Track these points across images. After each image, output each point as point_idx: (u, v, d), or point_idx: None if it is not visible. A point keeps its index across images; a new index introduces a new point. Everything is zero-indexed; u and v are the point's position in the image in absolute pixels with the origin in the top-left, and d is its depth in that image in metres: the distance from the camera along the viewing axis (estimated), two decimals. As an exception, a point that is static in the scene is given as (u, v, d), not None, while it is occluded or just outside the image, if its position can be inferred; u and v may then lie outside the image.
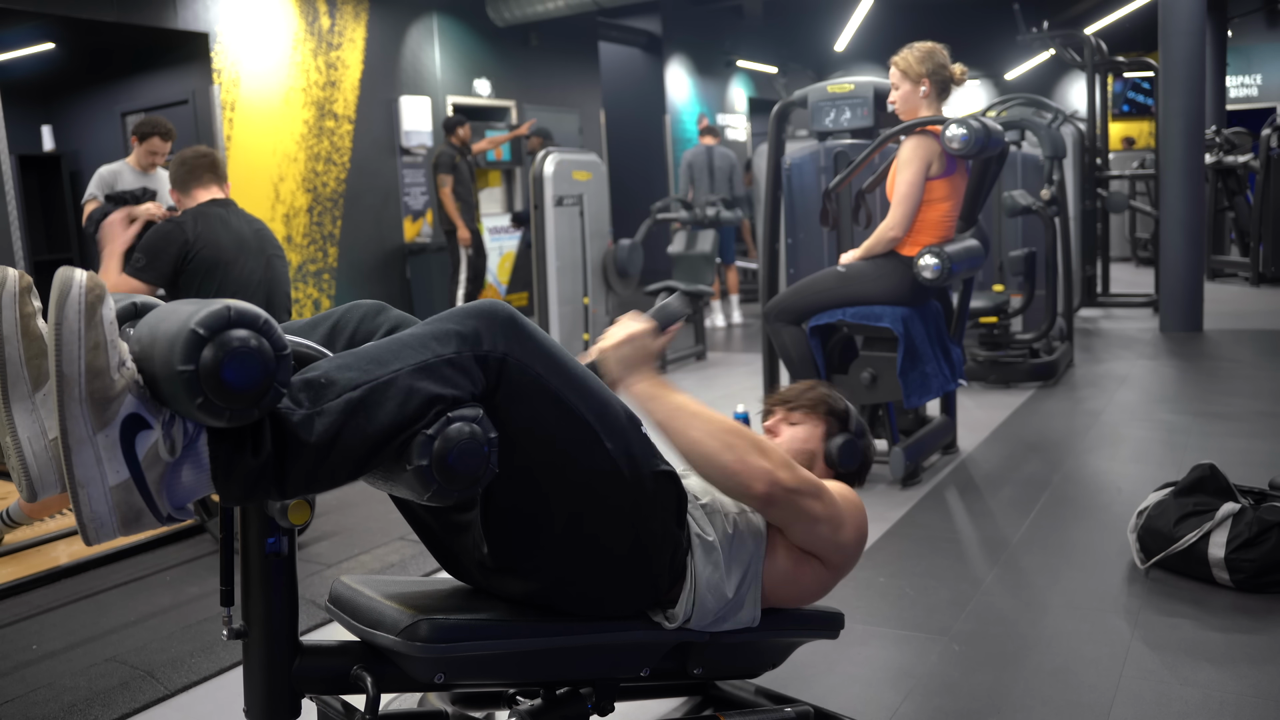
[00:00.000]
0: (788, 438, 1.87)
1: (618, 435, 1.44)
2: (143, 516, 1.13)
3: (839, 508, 1.65)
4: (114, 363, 1.11)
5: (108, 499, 1.10)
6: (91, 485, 1.10)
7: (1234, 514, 2.61)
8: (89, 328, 1.09)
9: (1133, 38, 11.56)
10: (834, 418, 1.90)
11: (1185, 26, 6.55)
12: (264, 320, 1.13)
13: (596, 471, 1.41)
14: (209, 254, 3.16)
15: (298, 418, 1.19)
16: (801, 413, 1.91)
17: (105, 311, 1.11)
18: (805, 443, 1.87)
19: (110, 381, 1.10)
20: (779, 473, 1.53)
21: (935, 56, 3.52)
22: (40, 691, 2.32)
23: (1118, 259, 10.99)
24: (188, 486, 1.16)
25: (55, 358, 1.07)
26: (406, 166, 8.13)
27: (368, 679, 1.39)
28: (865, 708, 2.09)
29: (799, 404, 1.92)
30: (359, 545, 3.30)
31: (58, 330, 1.08)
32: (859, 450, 1.88)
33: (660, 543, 1.51)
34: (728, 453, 1.53)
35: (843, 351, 3.79)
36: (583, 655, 1.54)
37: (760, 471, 1.52)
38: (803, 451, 1.86)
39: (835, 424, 1.90)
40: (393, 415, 1.23)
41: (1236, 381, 5.21)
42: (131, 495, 1.12)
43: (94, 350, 1.09)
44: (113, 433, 1.11)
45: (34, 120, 8.25)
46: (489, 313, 1.34)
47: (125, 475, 1.11)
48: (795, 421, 1.90)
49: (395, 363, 1.26)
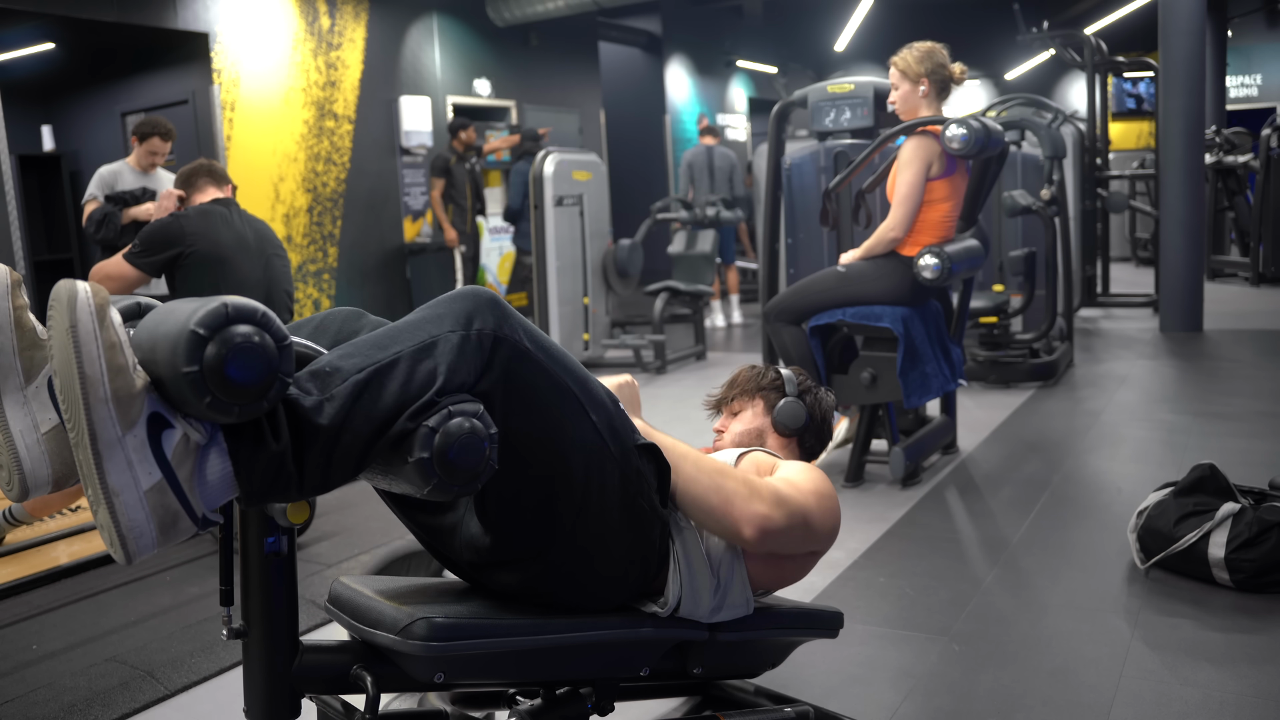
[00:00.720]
0: (732, 433, 1.91)
1: (600, 408, 1.46)
2: (179, 520, 1.11)
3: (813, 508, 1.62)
4: (131, 362, 1.11)
5: (144, 504, 1.08)
6: (126, 492, 1.07)
7: (1234, 514, 2.61)
8: (103, 328, 1.09)
9: (1133, 38, 11.56)
10: (769, 390, 1.93)
11: (1185, 26, 6.55)
12: (262, 313, 1.13)
13: (585, 444, 1.43)
14: (208, 249, 3.19)
15: (309, 403, 1.20)
16: (739, 401, 1.94)
17: (114, 315, 1.11)
18: (750, 423, 1.91)
19: (131, 379, 1.10)
20: (772, 514, 1.53)
21: (934, 56, 3.52)
22: (40, 691, 2.32)
23: (1118, 259, 10.99)
24: (216, 485, 1.15)
25: (77, 359, 1.07)
26: (406, 166, 8.13)
27: (367, 679, 1.39)
28: (865, 708, 2.09)
29: (731, 395, 1.96)
30: (359, 545, 3.30)
31: (74, 332, 1.07)
32: (802, 408, 1.90)
33: (648, 519, 1.51)
34: (715, 495, 1.53)
35: (843, 351, 3.79)
36: (582, 654, 1.54)
37: (750, 516, 1.52)
38: (749, 432, 1.89)
39: (773, 395, 1.93)
40: (397, 394, 1.25)
41: (1236, 381, 5.21)
42: (166, 497, 1.10)
43: (111, 349, 1.09)
44: (140, 432, 1.10)
45: (34, 120, 8.25)
46: (473, 295, 1.37)
47: (158, 476, 1.10)
48: (736, 412, 1.94)
49: (395, 346, 1.28)
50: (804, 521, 1.59)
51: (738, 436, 1.90)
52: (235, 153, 6.78)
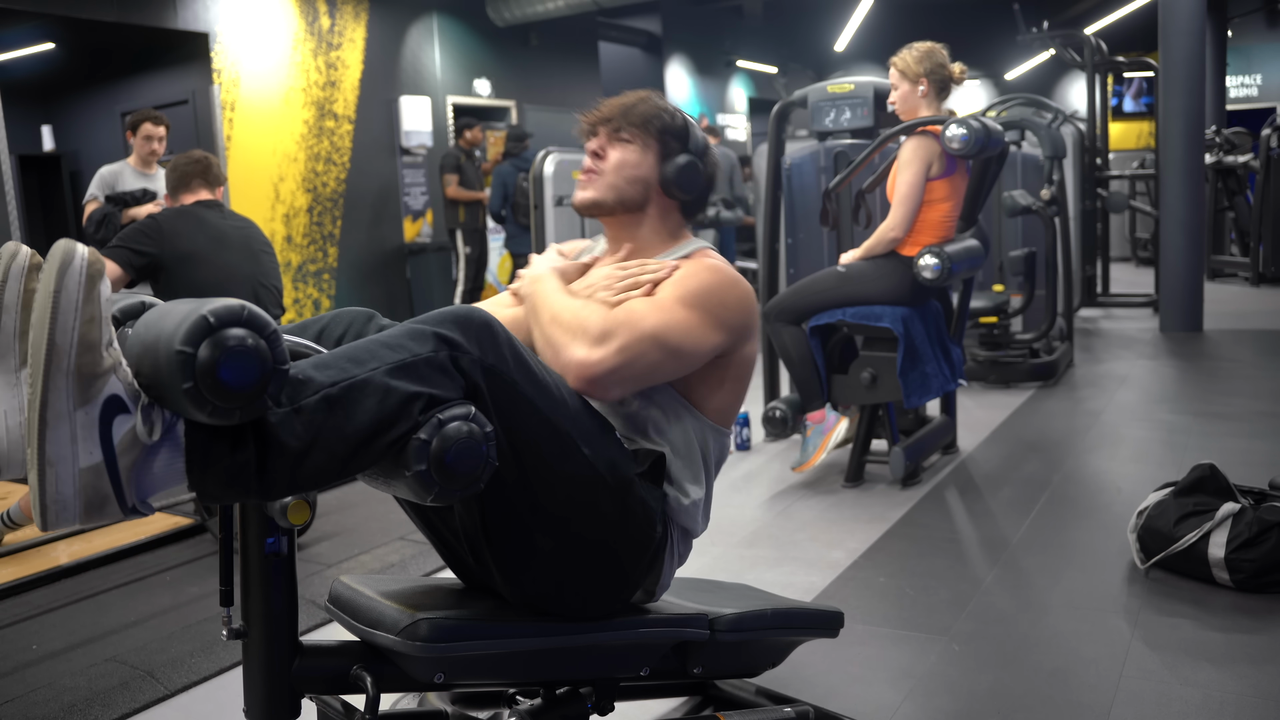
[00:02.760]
0: (614, 162, 1.66)
1: (595, 441, 1.43)
2: (107, 505, 1.09)
3: (680, 327, 1.52)
4: (105, 339, 1.10)
5: (75, 481, 1.07)
6: (61, 464, 1.06)
7: (1234, 514, 2.61)
8: (87, 301, 1.07)
9: (1133, 38, 11.55)
10: (670, 136, 1.68)
11: (1185, 26, 6.54)
12: (272, 330, 1.13)
13: (577, 477, 1.41)
14: (184, 246, 3.23)
15: (275, 417, 1.17)
16: (631, 130, 1.67)
17: (103, 288, 1.09)
18: (636, 168, 1.66)
19: (100, 357, 1.09)
20: (590, 357, 1.45)
21: (933, 56, 3.52)
22: (40, 691, 2.32)
23: (1118, 259, 10.98)
24: (159, 478, 1.13)
25: (50, 326, 1.05)
26: (406, 166, 8.13)
27: (368, 679, 1.39)
28: (865, 708, 2.09)
29: (628, 120, 1.67)
30: (359, 545, 3.30)
31: (56, 298, 1.06)
32: (700, 174, 1.68)
33: (644, 543, 1.51)
34: (548, 350, 1.50)
35: (843, 351, 3.79)
36: (583, 655, 1.54)
37: (569, 363, 1.46)
38: (635, 180, 1.66)
39: (674, 144, 1.68)
40: (371, 413, 1.21)
41: (1236, 381, 5.21)
42: (100, 480, 1.08)
43: (89, 323, 1.08)
44: (93, 411, 1.08)
45: (34, 120, 8.25)
46: (464, 318, 1.32)
47: (98, 459, 1.08)
48: (625, 139, 1.67)
49: (372, 361, 1.25)
50: (653, 348, 1.49)
51: (622, 181, 1.66)
52: (235, 153, 6.78)
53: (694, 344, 1.54)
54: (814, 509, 3.46)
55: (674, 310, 1.53)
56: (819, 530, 3.23)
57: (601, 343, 1.46)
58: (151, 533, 3.37)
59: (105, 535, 3.38)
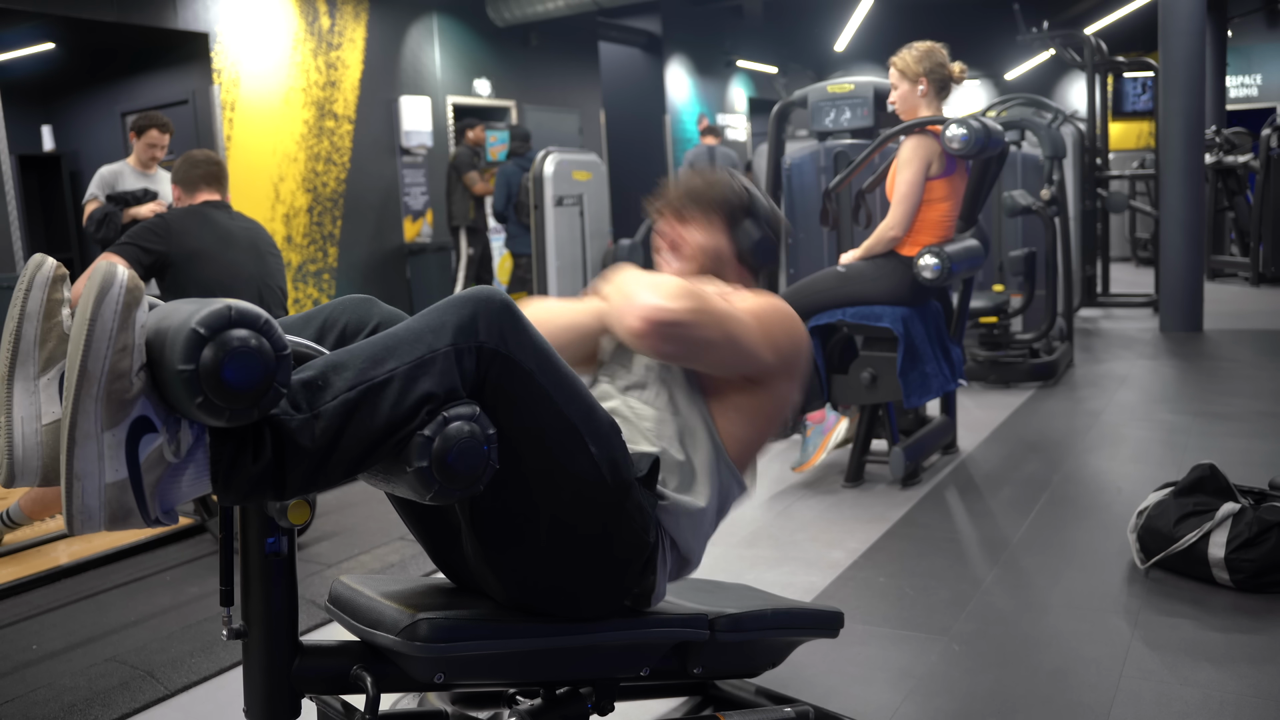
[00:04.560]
0: (692, 245, 1.73)
1: (602, 440, 1.43)
2: (131, 516, 1.13)
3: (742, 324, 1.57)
4: (136, 366, 1.12)
5: (100, 495, 1.10)
6: (88, 479, 1.09)
7: (1234, 514, 2.61)
8: (122, 329, 1.09)
9: (1133, 38, 11.55)
10: (734, 209, 1.75)
11: (1185, 26, 6.54)
12: (264, 320, 1.13)
13: (580, 475, 1.41)
14: (192, 245, 3.24)
15: (295, 423, 1.19)
16: (690, 212, 1.75)
17: (139, 314, 1.12)
18: (708, 240, 1.74)
19: (130, 384, 1.11)
20: (664, 304, 1.47)
21: (933, 56, 3.52)
22: (40, 691, 2.32)
23: (1118, 259, 10.98)
24: (183, 491, 1.16)
25: (83, 353, 1.08)
26: (406, 166, 8.13)
27: (368, 679, 1.39)
28: (865, 708, 2.09)
29: (690, 202, 1.75)
30: (359, 545, 3.30)
31: (91, 326, 1.08)
32: (773, 246, 1.76)
33: (635, 549, 1.51)
34: (620, 299, 1.53)
35: (843, 351, 3.79)
36: (583, 655, 1.54)
37: (641, 307, 1.48)
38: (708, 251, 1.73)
39: (741, 214, 1.75)
40: (388, 415, 1.23)
41: (1236, 381, 5.21)
42: (125, 495, 1.11)
43: (121, 353, 1.10)
44: (120, 433, 1.11)
45: (34, 120, 8.25)
46: (485, 300, 1.32)
47: (123, 475, 1.11)
48: (688, 221, 1.75)
49: (391, 361, 1.25)
50: (716, 325, 1.53)
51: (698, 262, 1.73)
52: (235, 153, 6.78)
53: (748, 345, 1.60)
54: (814, 509, 3.46)
55: (741, 313, 1.61)
56: (819, 530, 3.24)
57: (677, 299, 1.50)
58: (151, 533, 3.37)
59: (105, 535, 3.38)
